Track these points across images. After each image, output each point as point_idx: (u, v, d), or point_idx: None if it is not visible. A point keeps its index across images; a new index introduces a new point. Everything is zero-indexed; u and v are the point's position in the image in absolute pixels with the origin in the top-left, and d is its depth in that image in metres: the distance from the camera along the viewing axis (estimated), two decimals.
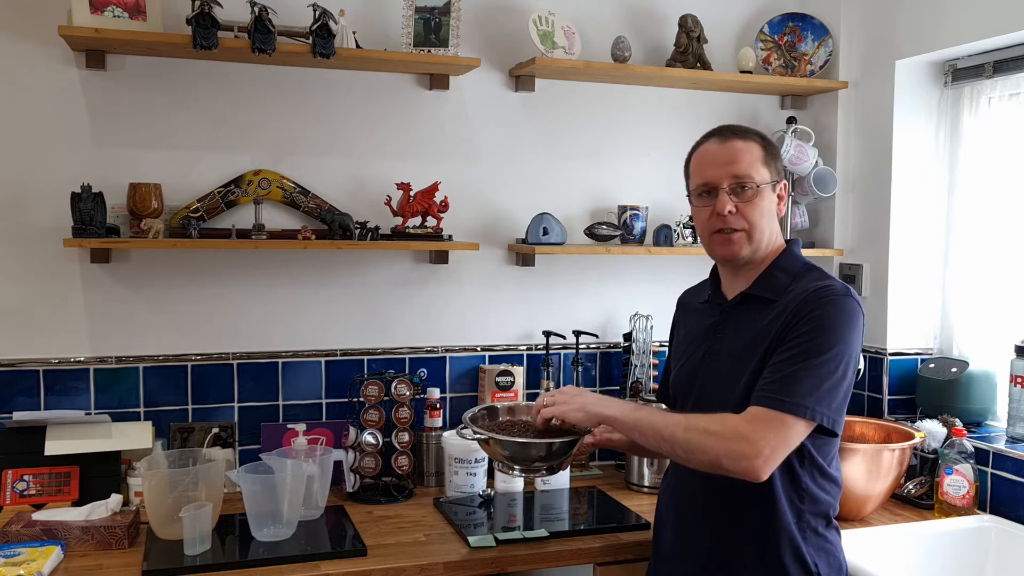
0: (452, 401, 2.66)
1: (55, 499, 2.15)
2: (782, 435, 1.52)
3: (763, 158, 1.69)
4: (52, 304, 2.31)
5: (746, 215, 1.67)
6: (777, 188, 1.72)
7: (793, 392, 1.52)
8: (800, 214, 2.86)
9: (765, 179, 1.68)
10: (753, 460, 1.50)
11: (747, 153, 1.68)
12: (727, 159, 1.68)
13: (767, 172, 1.69)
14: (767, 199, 1.69)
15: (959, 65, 2.63)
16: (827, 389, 1.54)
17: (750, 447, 1.50)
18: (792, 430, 1.53)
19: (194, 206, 2.35)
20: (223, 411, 2.45)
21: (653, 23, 2.79)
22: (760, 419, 1.52)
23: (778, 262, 1.71)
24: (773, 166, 1.71)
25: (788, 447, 1.54)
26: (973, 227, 2.63)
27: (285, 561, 1.88)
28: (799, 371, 1.54)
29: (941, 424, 2.44)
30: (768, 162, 1.70)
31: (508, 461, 1.78)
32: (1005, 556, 2.18)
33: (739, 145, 1.69)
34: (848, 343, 1.56)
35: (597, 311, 2.79)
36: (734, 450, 1.51)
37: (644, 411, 1.64)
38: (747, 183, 1.66)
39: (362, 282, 2.56)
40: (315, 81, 2.48)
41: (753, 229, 1.68)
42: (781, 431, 1.52)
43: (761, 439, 1.50)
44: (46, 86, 2.27)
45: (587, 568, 2.04)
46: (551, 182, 2.72)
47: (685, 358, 1.82)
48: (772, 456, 1.51)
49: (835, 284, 1.63)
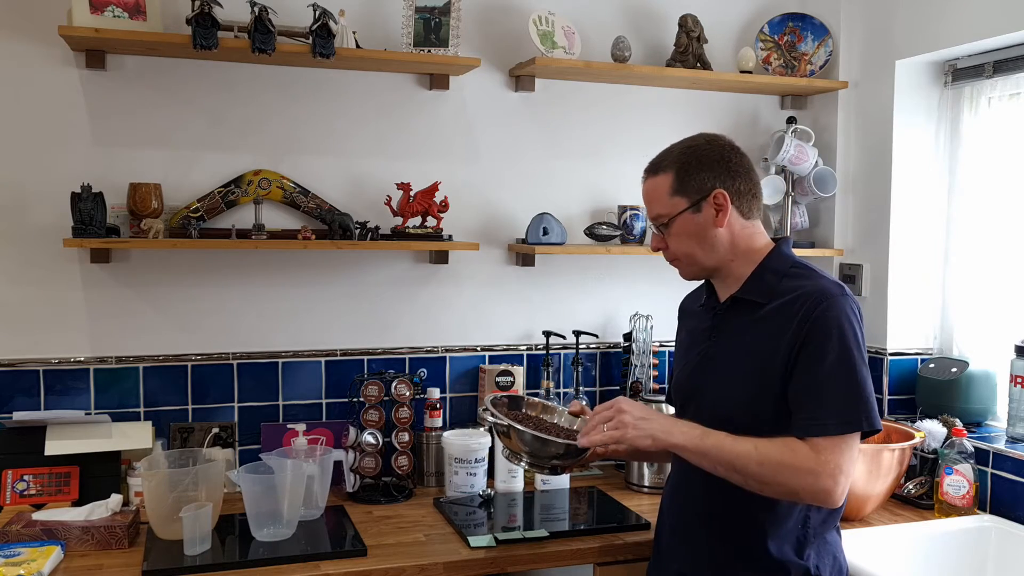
0: (452, 401, 2.66)
1: (55, 499, 2.15)
2: (848, 456, 1.55)
3: (672, 187, 1.67)
4: (52, 304, 2.31)
5: (672, 247, 1.72)
6: (704, 204, 1.66)
7: (843, 411, 1.54)
8: (800, 214, 2.86)
9: (678, 208, 1.67)
10: (832, 492, 1.54)
11: (655, 191, 1.71)
12: (645, 200, 1.75)
13: (679, 199, 1.67)
14: (687, 225, 1.67)
15: (959, 65, 2.63)
16: (865, 395, 1.56)
17: (826, 480, 1.53)
18: (853, 447, 1.56)
19: (194, 206, 2.35)
20: (223, 411, 2.45)
21: (653, 23, 2.79)
22: (825, 449, 1.54)
23: (766, 264, 1.69)
24: (690, 183, 1.66)
25: (854, 463, 1.58)
26: (973, 227, 2.63)
27: (285, 561, 1.88)
28: (838, 388, 1.55)
29: (941, 424, 2.44)
30: (681, 184, 1.67)
31: (523, 453, 1.76)
32: (1005, 556, 2.18)
33: (648, 185, 1.73)
34: (860, 343, 1.58)
35: (597, 311, 2.79)
36: (810, 484, 1.53)
37: (712, 439, 1.58)
38: (661, 220, 1.71)
39: (362, 282, 2.56)
40: (315, 81, 2.48)
41: (684, 257, 1.71)
42: (846, 452, 1.55)
43: (834, 468, 1.53)
44: (46, 86, 2.27)
45: (587, 568, 2.04)
46: (551, 182, 2.72)
47: (684, 361, 1.82)
48: (845, 481, 1.55)
49: (829, 286, 1.61)
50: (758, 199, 1.72)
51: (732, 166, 1.68)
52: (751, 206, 1.70)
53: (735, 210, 1.67)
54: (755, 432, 1.58)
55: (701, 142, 1.71)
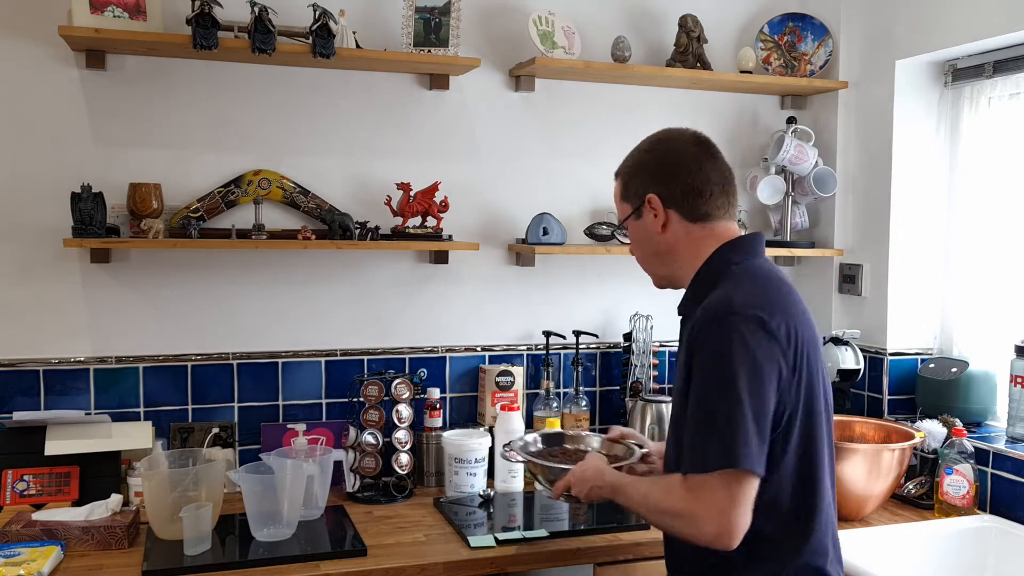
0: (452, 401, 2.66)
1: (55, 499, 2.15)
2: (728, 494, 1.36)
3: (621, 192, 1.66)
4: (52, 304, 2.31)
5: (631, 252, 1.70)
6: (643, 211, 1.59)
7: (709, 449, 1.37)
8: (800, 214, 2.86)
9: (624, 213, 1.66)
10: (719, 537, 1.37)
11: (615, 195, 1.69)
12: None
13: (626, 205, 1.64)
14: (636, 231, 1.64)
15: (959, 65, 2.63)
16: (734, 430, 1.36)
17: (707, 525, 1.37)
18: (734, 484, 1.36)
19: (194, 206, 2.35)
20: (223, 411, 2.45)
21: (653, 23, 2.79)
22: (701, 486, 1.38)
23: (702, 270, 1.56)
24: (631, 191, 1.62)
25: (742, 503, 1.37)
26: (973, 227, 2.63)
27: (285, 561, 1.88)
28: (706, 420, 1.39)
29: (941, 424, 2.44)
30: (625, 192, 1.64)
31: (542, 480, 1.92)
32: (1005, 556, 2.18)
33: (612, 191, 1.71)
34: (736, 369, 1.37)
35: (597, 311, 2.79)
36: (693, 533, 1.39)
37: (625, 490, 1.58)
38: (623, 226, 1.68)
39: (362, 282, 2.56)
40: (315, 81, 2.48)
41: (640, 262, 1.69)
42: (725, 491, 1.36)
43: (713, 510, 1.36)
44: (46, 86, 2.27)
45: (587, 568, 2.04)
46: (551, 182, 2.72)
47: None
48: (731, 521, 1.36)
49: (719, 302, 1.44)
50: (714, 197, 1.56)
51: (672, 168, 1.57)
52: (699, 206, 1.55)
53: (677, 214, 1.56)
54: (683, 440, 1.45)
55: (655, 140, 1.64)
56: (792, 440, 1.45)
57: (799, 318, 1.48)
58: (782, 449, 1.45)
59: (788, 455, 1.45)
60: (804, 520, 1.49)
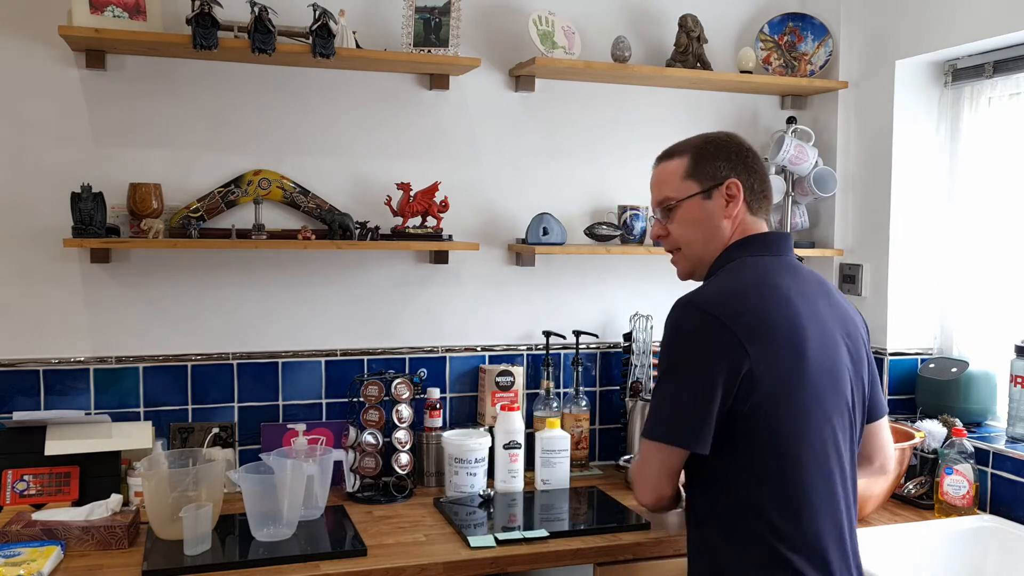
0: (452, 401, 2.66)
1: (55, 499, 2.15)
2: (647, 462, 1.59)
3: (686, 169, 1.67)
4: (52, 304, 2.31)
5: (673, 233, 1.70)
6: (716, 193, 1.65)
7: (646, 422, 1.58)
8: (800, 214, 2.86)
9: (688, 191, 1.66)
10: (638, 499, 1.63)
11: (665, 173, 1.71)
12: (652, 185, 1.74)
13: (692, 183, 1.66)
14: (693, 210, 1.66)
15: (959, 65, 2.63)
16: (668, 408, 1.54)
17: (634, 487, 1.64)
18: (655, 454, 1.56)
19: (194, 206, 2.35)
20: (223, 411, 2.45)
21: (653, 23, 2.79)
22: (638, 456, 1.63)
23: (713, 266, 1.68)
24: (704, 170, 1.66)
25: (663, 476, 1.57)
26: (973, 227, 2.63)
27: (285, 561, 1.88)
28: (654, 396, 1.60)
29: (941, 424, 2.44)
30: (695, 170, 1.66)
31: None
32: (1005, 556, 2.18)
33: (659, 169, 1.73)
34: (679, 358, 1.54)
35: (597, 311, 2.79)
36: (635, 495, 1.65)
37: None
38: (668, 204, 1.69)
39: (362, 282, 2.56)
40: (315, 81, 2.48)
41: (684, 245, 1.70)
42: (649, 459, 1.58)
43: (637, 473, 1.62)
44: (46, 86, 2.27)
45: (587, 568, 2.03)
46: (551, 182, 2.72)
47: None
48: (644, 486, 1.60)
49: (692, 292, 1.58)
50: (768, 201, 1.71)
51: (749, 163, 1.68)
52: (761, 206, 1.69)
53: (745, 206, 1.66)
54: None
55: (721, 135, 1.72)
56: (752, 431, 1.50)
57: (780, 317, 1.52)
58: (741, 436, 1.51)
59: (747, 443, 1.51)
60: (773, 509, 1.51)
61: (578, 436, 2.62)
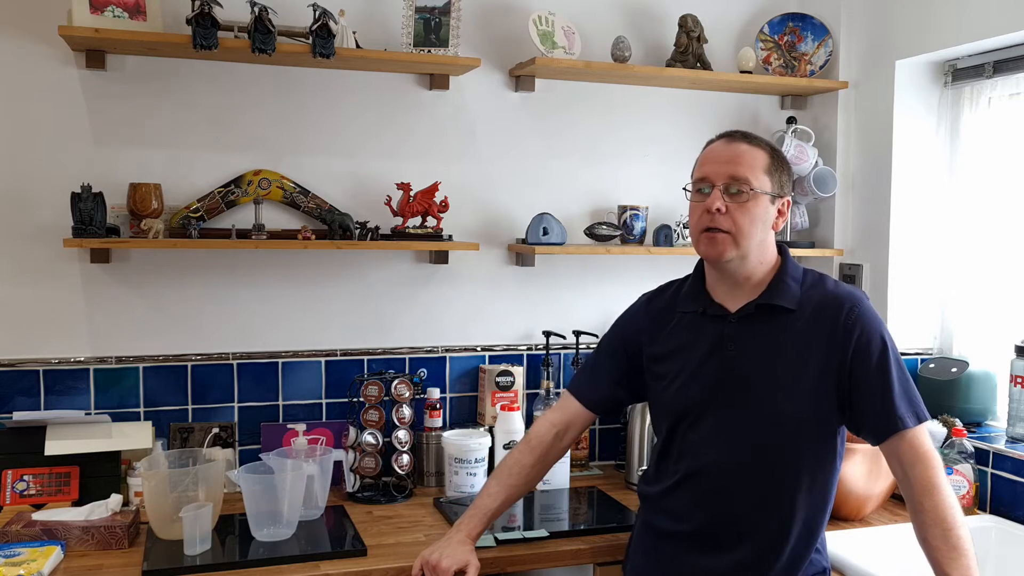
0: (452, 401, 2.66)
1: (55, 499, 2.15)
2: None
3: (767, 166, 1.67)
4: (52, 304, 2.31)
5: (735, 218, 1.63)
6: (777, 203, 1.70)
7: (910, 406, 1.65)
8: (800, 214, 2.86)
9: (764, 187, 1.65)
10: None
11: (749, 156, 1.66)
12: (728, 158, 1.66)
13: (768, 181, 1.66)
14: (762, 207, 1.66)
15: (959, 65, 2.63)
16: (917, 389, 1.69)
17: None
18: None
19: (194, 206, 2.35)
20: (223, 411, 2.45)
21: (653, 23, 2.79)
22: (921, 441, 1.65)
23: (786, 270, 1.72)
24: (777, 178, 1.68)
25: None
26: (973, 227, 2.63)
27: (285, 561, 1.88)
28: (900, 386, 1.64)
29: (941, 424, 2.44)
30: (772, 172, 1.67)
31: None
32: (1005, 556, 2.18)
33: (743, 148, 1.68)
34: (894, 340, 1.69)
35: (597, 311, 2.79)
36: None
37: None
38: (742, 186, 1.64)
39: (362, 282, 2.56)
40: (315, 81, 2.48)
41: (740, 234, 1.64)
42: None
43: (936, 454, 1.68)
44: (46, 86, 2.27)
45: (587, 568, 2.04)
46: (551, 182, 2.72)
47: (687, 376, 1.72)
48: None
49: (854, 292, 1.70)
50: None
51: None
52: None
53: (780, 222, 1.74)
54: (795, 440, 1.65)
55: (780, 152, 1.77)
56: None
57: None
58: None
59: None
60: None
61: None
